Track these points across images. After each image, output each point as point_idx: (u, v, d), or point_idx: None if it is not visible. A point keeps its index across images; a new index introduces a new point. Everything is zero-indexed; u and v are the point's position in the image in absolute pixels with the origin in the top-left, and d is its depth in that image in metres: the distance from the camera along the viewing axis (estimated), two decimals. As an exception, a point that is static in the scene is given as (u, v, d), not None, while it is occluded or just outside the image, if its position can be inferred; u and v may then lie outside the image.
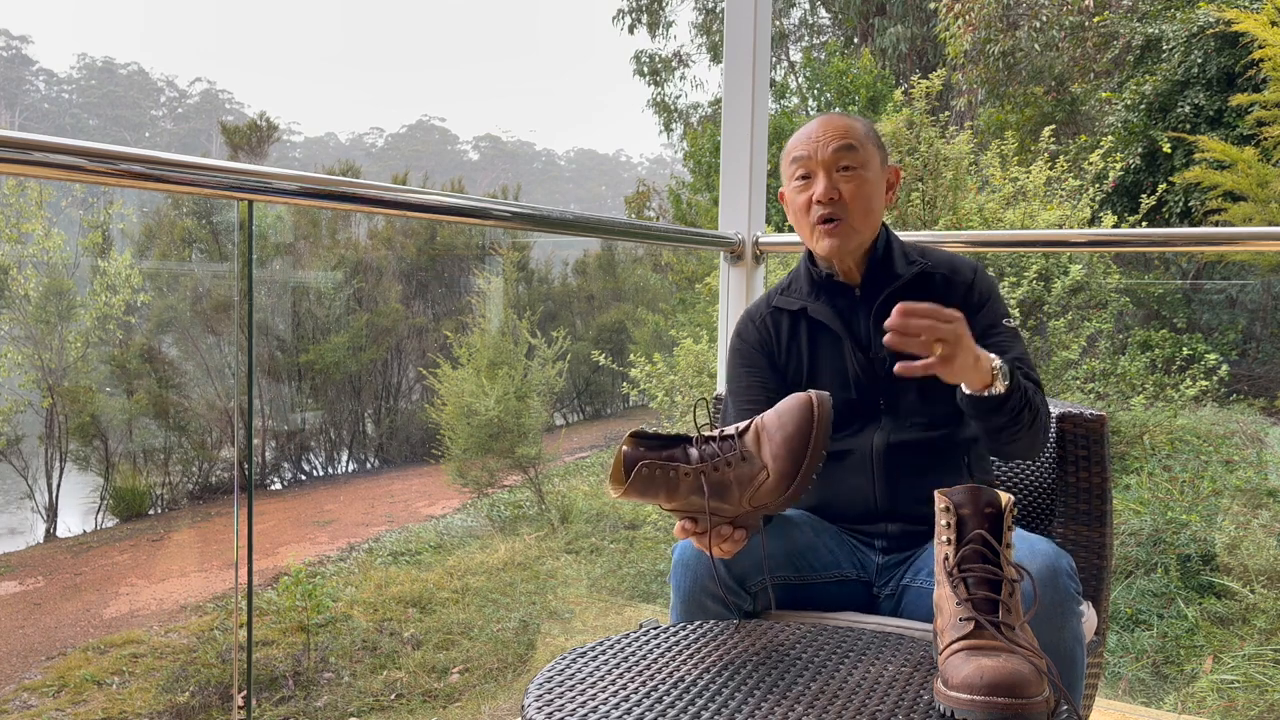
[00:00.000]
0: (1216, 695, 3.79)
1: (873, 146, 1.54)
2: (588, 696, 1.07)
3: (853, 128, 1.53)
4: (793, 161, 1.54)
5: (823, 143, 1.51)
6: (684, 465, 1.19)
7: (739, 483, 1.20)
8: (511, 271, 9.60)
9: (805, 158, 1.52)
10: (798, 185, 1.54)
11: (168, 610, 6.73)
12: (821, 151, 1.51)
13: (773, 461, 1.20)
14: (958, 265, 1.55)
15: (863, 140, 1.52)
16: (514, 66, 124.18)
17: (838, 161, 1.50)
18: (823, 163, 1.51)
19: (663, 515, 7.29)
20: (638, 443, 1.22)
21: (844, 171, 1.51)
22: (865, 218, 1.51)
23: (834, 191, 1.50)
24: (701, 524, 1.23)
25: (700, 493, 1.20)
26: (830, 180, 1.50)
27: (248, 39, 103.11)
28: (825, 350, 1.55)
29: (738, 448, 1.21)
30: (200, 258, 9.89)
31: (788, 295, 1.61)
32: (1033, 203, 5.84)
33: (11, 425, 8.19)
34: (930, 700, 1.04)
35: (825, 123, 1.54)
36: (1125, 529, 4.70)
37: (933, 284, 1.53)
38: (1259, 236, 3.20)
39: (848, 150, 1.50)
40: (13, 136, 1.18)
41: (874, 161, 1.53)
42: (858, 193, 1.50)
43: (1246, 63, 6.59)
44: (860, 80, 10.22)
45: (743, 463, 1.20)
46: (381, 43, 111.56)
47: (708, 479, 1.19)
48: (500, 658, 5.86)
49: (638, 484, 1.18)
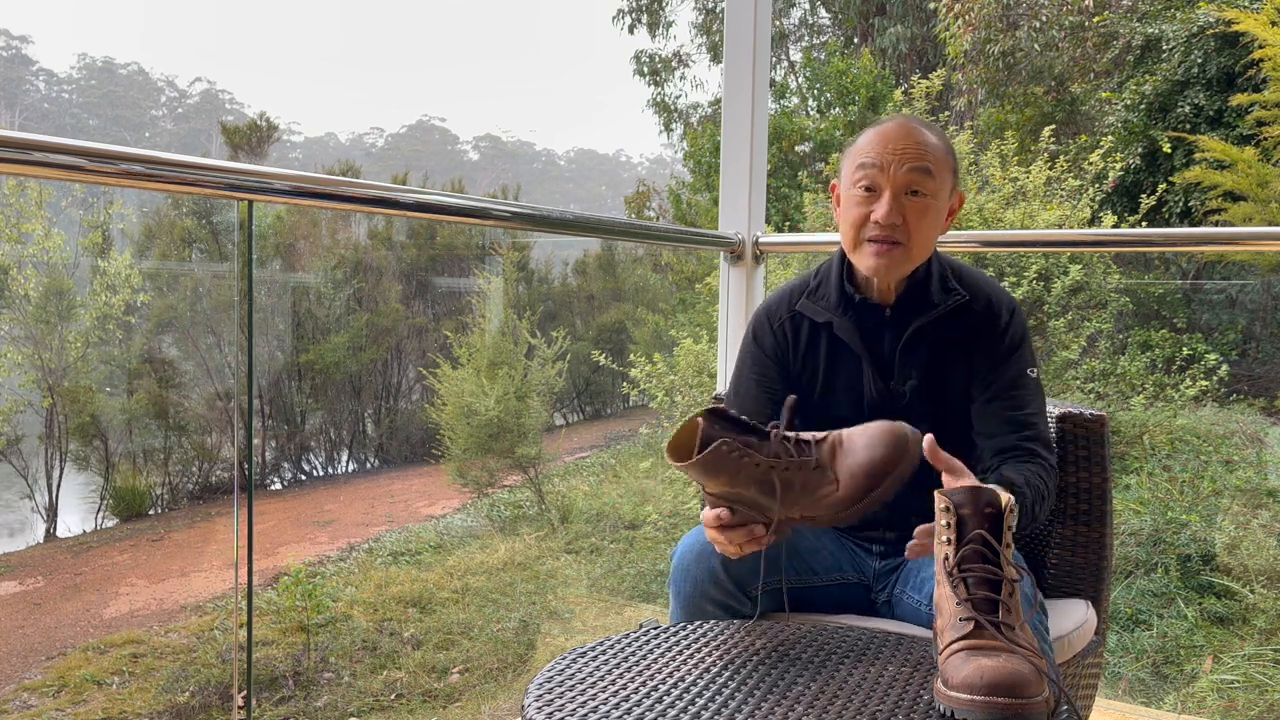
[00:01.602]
0: (1216, 695, 3.79)
1: (948, 171, 1.43)
2: (588, 696, 1.07)
3: (931, 147, 1.41)
4: (859, 167, 1.42)
5: (898, 159, 1.39)
6: (758, 455, 1.18)
7: (803, 488, 1.18)
8: (511, 271, 9.60)
9: (874, 168, 1.40)
10: (859, 195, 1.42)
11: (168, 610, 6.73)
12: (895, 168, 1.39)
13: (848, 478, 1.18)
14: (994, 302, 1.48)
15: (940, 164, 1.41)
16: (514, 66, 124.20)
17: (909, 184, 1.39)
18: (892, 180, 1.39)
19: (663, 515, 7.29)
20: (714, 420, 1.21)
21: (913, 196, 1.39)
22: (923, 246, 1.42)
23: (898, 215, 1.39)
24: (739, 516, 1.21)
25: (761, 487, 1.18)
26: (897, 202, 1.39)
27: (248, 39, 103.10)
28: (843, 369, 1.50)
29: (813, 454, 1.19)
30: (200, 258, 9.89)
31: (814, 301, 1.52)
32: (1033, 203, 5.84)
33: (11, 425, 8.18)
34: (930, 700, 1.04)
35: (904, 133, 1.41)
36: (1125, 529, 4.70)
37: (966, 319, 1.46)
38: (1259, 236, 3.20)
39: (923, 174, 1.39)
40: (13, 136, 1.18)
41: (945, 188, 1.43)
42: (921, 219, 1.40)
43: (1246, 63, 6.59)
44: (860, 80, 10.22)
45: (814, 471, 1.18)
46: (381, 43, 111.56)
47: (778, 476, 1.18)
48: (500, 658, 5.86)
49: (709, 460, 1.16)
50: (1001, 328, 1.46)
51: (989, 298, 1.48)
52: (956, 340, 1.46)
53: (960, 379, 1.46)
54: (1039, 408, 1.46)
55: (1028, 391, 1.45)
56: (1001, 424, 1.43)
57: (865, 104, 10.11)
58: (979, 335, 1.46)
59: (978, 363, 1.46)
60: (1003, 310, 1.47)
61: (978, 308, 1.47)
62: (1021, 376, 1.45)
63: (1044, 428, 1.45)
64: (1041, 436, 1.44)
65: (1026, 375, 1.46)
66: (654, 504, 7.59)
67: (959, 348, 1.46)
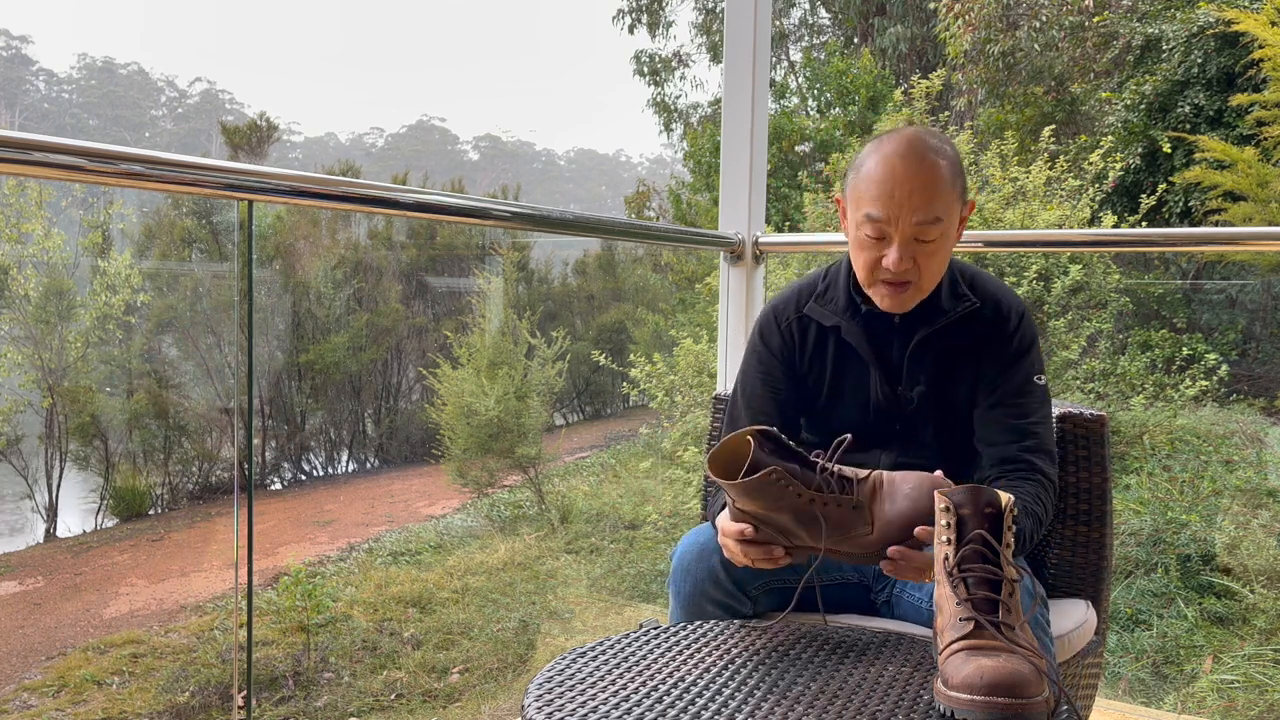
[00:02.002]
0: (1216, 695, 3.79)
1: (956, 201, 1.38)
2: (588, 696, 1.07)
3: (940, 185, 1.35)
4: (866, 218, 1.37)
5: (906, 210, 1.34)
6: (801, 487, 1.17)
7: (838, 525, 1.17)
8: (511, 271, 9.60)
9: (881, 221, 1.36)
10: (867, 240, 1.38)
11: (168, 610, 6.73)
12: (904, 221, 1.34)
13: (883, 524, 1.17)
14: (1003, 305, 1.46)
15: (949, 202, 1.36)
16: (514, 66, 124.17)
17: (919, 234, 1.35)
18: (901, 232, 1.35)
19: (663, 515, 7.29)
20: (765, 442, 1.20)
21: (923, 243, 1.37)
22: (935, 277, 1.40)
23: (909, 263, 1.36)
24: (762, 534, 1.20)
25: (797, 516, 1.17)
26: (907, 250, 1.36)
27: (248, 39, 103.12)
28: (850, 374, 1.49)
29: (854, 493, 1.18)
30: (200, 258, 9.89)
31: (822, 304, 1.50)
32: (1033, 203, 5.84)
33: (11, 425, 8.19)
34: (930, 700, 1.04)
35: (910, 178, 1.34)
36: (1125, 529, 4.70)
37: (975, 326, 1.45)
38: (1259, 236, 3.20)
39: (932, 225, 1.35)
40: (13, 136, 1.18)
41: (954, 217, 1.39)
42: (932, 258, 1.38)
43: (1246, 63, 6.59)
44: (860, 80, 10.23)
45: (852, 510, 1.17)
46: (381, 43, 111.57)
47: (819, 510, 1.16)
48: (500, 658, 5.86)
49: (755, 485, 1.15)
50: (1009, 331, 1.44)
51: (999, 303, 1.47)
52: (965, 347, 1.45)
53: (968, 386, 1.45)
54: (1044, 417, 1.44)
55: (1033, 399, 1.43)
56: (1004, 431, 1.41)
57: (865, 104, 10.11)
58: (987, 341, 1.44)
59: (984, 368, 1.45)
60: (1012, 314, 1.46)
61: (987, 314, 1.45)
62: (1027, 383, 1.43)
63: (1047, 438, 1.43)
64: (1044, 447, 1.42)
65: (1033, 382, 1.44)
66: (654, 504, 7.59)
67: (968, 355, 1.45)
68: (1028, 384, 1.44)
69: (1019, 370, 1.44)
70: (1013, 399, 1.42)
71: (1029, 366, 1.44)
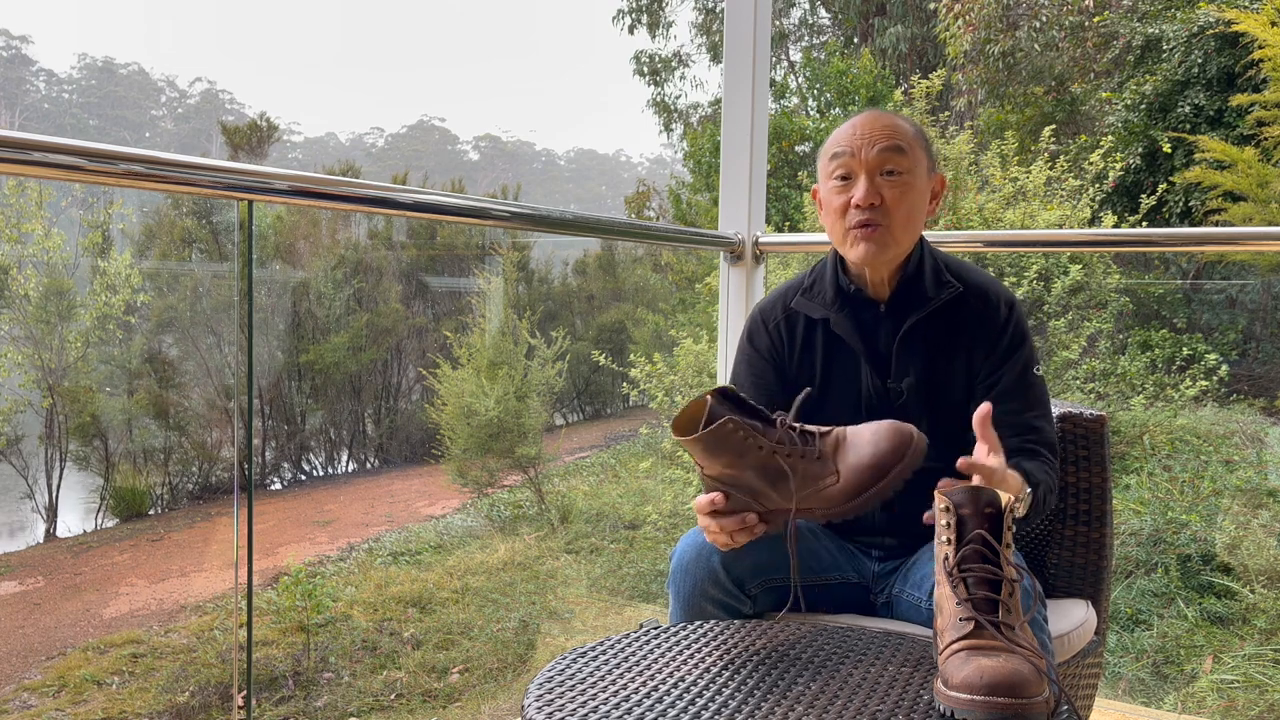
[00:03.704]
0: (1216, 695, 3.79)
1: (921, 151, 1.43)
2: (588, 696, 1.07)
3: (901, 128, 1.42)
4: (832, 158, 1.43)
5: (868, 141, 1.40)
6: (763, 438, 1.17)
7: (804, 478, 1.17)
8: (511, 271, 9.61)
9: (847, 155, 1.41)
10: (835, 185, 1.43)
11: (168, 610, 6.73)
12: (866, 151, 1.39)
13: (848, 472, 1.17)
14: (991, 295, 1.46)
15: (911, 143, 1.41)
16: (514, 66, 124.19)
17: (883, 164, 1.39)
18: (865, 164, 1.39)
19: (663, 515, 7.30)
20: (723, 400, 1.20)
21: (888, 176, 1.39)
22: (906, 227, 1.41)
23: (876, 196, 1.39)
24: (733, 502, 1.20)
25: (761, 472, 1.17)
26: (873, 184, 1.39)
27: (248, 39, 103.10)
28: (840, 366, 1.48)
29: (816, 445, 1.18)
30: (200, 258, 9.89)
31: (809, 298, 1.51)
32: (1033, 203, 5.84)
33: (11, 425, 8.19)
34: (930, 700, 1.04)
35: (871, 119, 1.42)
36: (1125, 529, 4.70)
37: (963, 312, 1.45)
38: (1259, 236, 3.20)
39: (895, 153, 1.39)
40: (13, 136, 1.18)
41: (921, 167, 1.42)
42: (901, 199, 1.39)
43: (1246, 63, 6.59)
44: (860, 80, 10.23)
45: (816, 461, 1.18)
46: (381, 43, 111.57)
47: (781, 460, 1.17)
48: (500, 658, 5.86)
49: (713, 437, 1.15)
50: (1001, 323, 1.44)
51: (984, 291, 1.46)
52: (954, 337, 1.45)
53: (960, 377, 1.45)
54: (1044, 409, 1.43)
55: (1034, 392, 1.43)
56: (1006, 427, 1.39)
57: (865, 104, 10.12)
58: (977, 331, 1.44)
59: (978, 361, 1.44)
60: (1000, 304, 1.45)
61: (973, 301, 1.45)
62: (1026, 375, 1.43)
63: (1049, 431, 1.43)
64: (1046, 440, 1.41)
65: (1032, 374, 1.44)
66: (654, 504, 7.59)
67: (957, 345, 1.45)
68: (1026, 376, 1.43)
69: (1016, 363, 1.43)
70: (1013, 394, 1.41)
71: (1025, 359, 1.44)
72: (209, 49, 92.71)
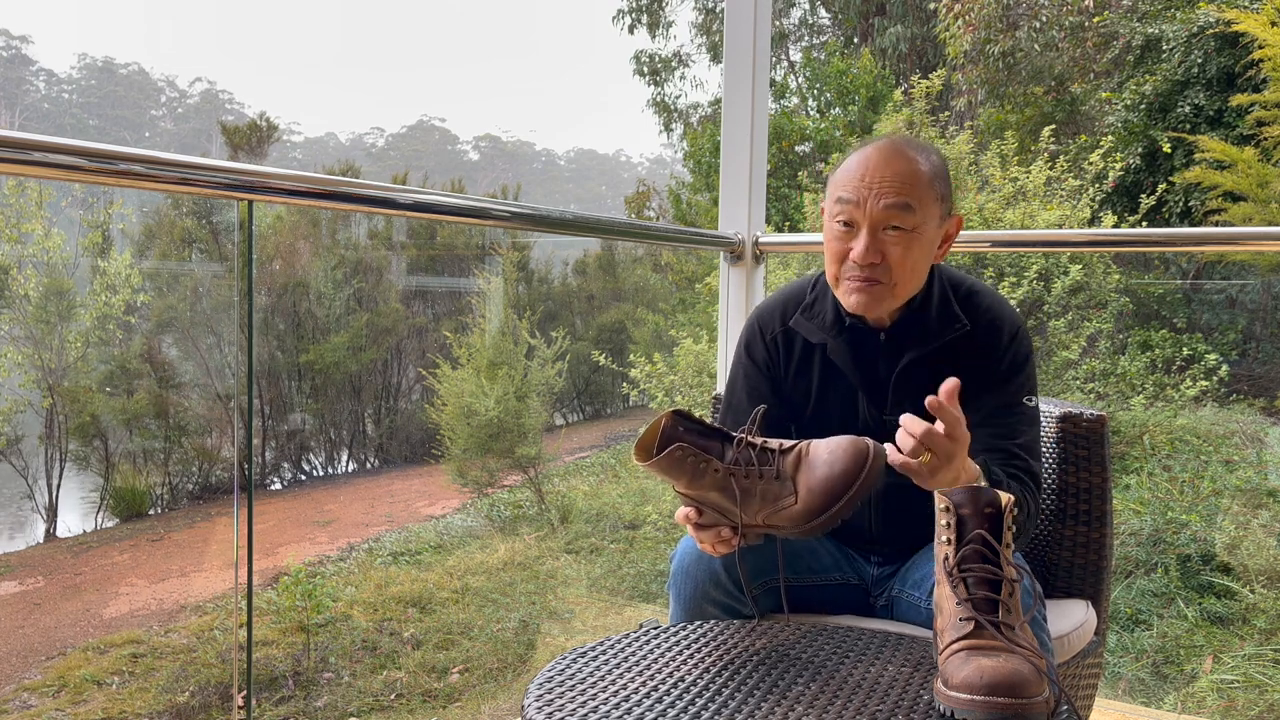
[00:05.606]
0: (1216, 695, 3.79)
1: (933, 200, 1.33)
2: (588, 696, 1.07)
3: (915, 177, 1.31)
4: (837, 201, 1.35)
5: (874, 194, 1.31)
6: (716, 461, 1.17)
7: (763, 498, 1.17)
8: (511, 271, 9.61)
9: (851, 204, 1.32)
10: (838, 230, 1.35)
11: (168, 610, 6.73)
12: (871, 204, 1.31)
13: (805, 493, 1.16)
14: (997, 324, 1.40)
15: (923, 195, 1.32)
16: (514, 66, 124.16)
17: (887, 220, 1.31)
18: (869, 216, 1.31)
19: (663, 515, 7.30)
20: (679, 422, 1.20)
21: (893, 231, 1.31)
22: (908, 281, 1.34)
23: (877, 255, 1.31)
24: (707, 518, 1.21)
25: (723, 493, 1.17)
26: (875, 240, 1.31)
27: (248, 39, 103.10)
28: (836, 393, 1.45)
29: (775, 464, 1.18)
30: (200, 258, 9.90)
31: (808, 318, 1.46)
32: (1033, 203, 5.85)
33: (11, 425, 8.19)
34: (930, 700, 1.04)
35: (883, 165, 1.32)
36: (1125, 529, 4.70)
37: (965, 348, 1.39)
38: (1259, 236, 3.20)
39: (902, 210, 1.30)
40: (13, 136, 1.18)
41: (932, 219, 1.33)
42: (905, 256, 1.32)
43: (1246, 63, 6.59)
44: (860, 80, 10.23)
45: (775, 480, 1.17)
46: (381, 43, 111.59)
47: (737, 483, 1.17)
48: (500, 658, 5.86)
49: (665, 462, 1.16)
50: (1000, 349, 1.39)
51: (992, 322, 1.41)
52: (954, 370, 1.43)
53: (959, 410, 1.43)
54: (1031, 440, 1.38)
55: (1021, 420, 1.38)
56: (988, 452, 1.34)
57: (865, 104, 10.12)
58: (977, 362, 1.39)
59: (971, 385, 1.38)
60: (1004, 334, 1.40)
61: (979, 337, 1.39)
62: (1015, 403, 1.38)
63: (1034, 462, 1.37)
64: (1030, 469, 1.36)
65: (1022, 404, 1.38)
66: (654, 504, 7.59)
67: (957, 377, 1.43)
68: (1016, 404, 1.38)
69: (1007, 390, 1.38)
70: (998, 418, 1.37)
71: (1019, 386, 1.39)
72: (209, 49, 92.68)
